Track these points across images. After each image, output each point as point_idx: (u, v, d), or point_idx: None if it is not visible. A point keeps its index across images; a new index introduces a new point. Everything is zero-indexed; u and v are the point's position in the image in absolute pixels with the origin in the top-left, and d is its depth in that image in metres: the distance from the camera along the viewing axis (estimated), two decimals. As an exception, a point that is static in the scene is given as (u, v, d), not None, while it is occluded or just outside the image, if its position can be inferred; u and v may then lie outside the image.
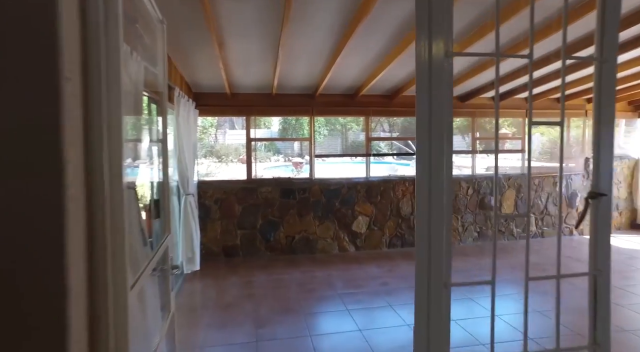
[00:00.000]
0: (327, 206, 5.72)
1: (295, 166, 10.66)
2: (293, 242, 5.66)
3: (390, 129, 25.60)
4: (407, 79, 5.05)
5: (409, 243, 5.99)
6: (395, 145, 16.45)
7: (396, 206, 5.93)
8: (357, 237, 5.84)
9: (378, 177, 6.01)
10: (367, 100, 5.80)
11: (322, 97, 5.67)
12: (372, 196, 5.85)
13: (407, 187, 5.94)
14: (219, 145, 17.35)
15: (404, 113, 6.14)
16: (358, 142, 19.89)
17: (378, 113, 5.95)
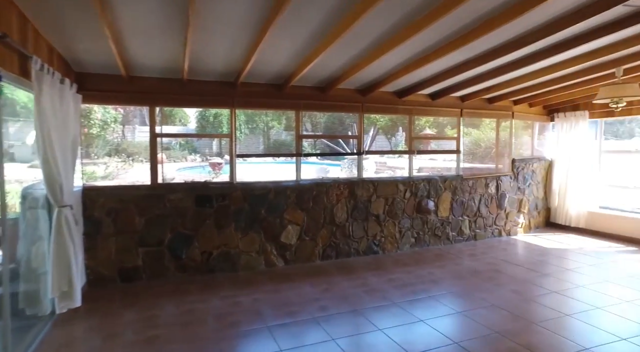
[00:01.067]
0: (252, 214, 4.87)
1: (212, 167, 9.40)
2: (210, 259, 4.71)
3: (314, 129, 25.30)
4: (346, 67, 4.42)
5: (344, 253, 5.39)
6: (320, 144, 16.02)
7: (330, 212, 5.29)
8: (286, 250, 5.08)
9: (310, 180, 5.31)
10: (297, 92, 5.06)
11: (245, 86, 4.80)
12: (304, 201, 5.13)
13: (342, 191, 5.34)
14: (127, 143, 15.33)
15: (341, 108, 5.52)
16: (280, 142, 19.13)
17: (310, 107, 5.25)
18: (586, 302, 3.86)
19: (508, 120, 6.57)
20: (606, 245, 6.05)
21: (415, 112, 5.80)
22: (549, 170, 7.33)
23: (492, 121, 6.38)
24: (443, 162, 6.73)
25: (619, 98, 4.77)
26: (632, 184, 6.80)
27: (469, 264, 5.12)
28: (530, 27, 3.46)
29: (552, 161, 7.31)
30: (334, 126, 17.63)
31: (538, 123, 7.41)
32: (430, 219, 5.95)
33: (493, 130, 6.42)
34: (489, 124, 6.42)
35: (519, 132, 7.24)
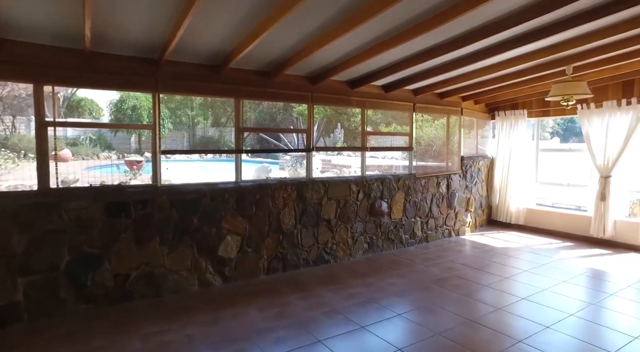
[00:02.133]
0: (181, 224, 3.95)
1: (130, 167, 7.82)
2: (127, 284, 3.70)
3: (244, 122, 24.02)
4: (297, 48, 3.71)
5: (292, 264, 4.69)
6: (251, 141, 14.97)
7: (276, 219, 4.55)
8: (225, 265, 4.23)
9: (252, 182, 4.51)
10: (238, 76, 4.23)
11: (172, 65, 3.85)
12: (245, 207, 4.32)
13: (290, 193, 4.62)
14: (18, 137, 12.89)
15: (288, 97, 4.76)
16: (207, 138, 17.72)
17: (253, 95, 4.43)
18: (561, 310, 3.63)
19: (457, 117, 6.38)
20: (547, 241, 6.13)
21: (369, 104, 5.29)
22: (491, 168, 7.36)
23: (442, 117, 6.13)
24: (390, 160, 6.37)
25: (570, 95, 4.71)
26: (565, 182, 7.08)
27: (429, 271, 4.73)
28: (481, 22, 3.32)
29: (493, 159, 7.34)
30: (265, 122, 16.70)
31: (481, 121, 7.40)
32: (384, 222, 5.49)
33: (444, 127, 6.17)
34: (440, 121, 6.15)
35: (465, 130, 7.15)
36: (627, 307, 3.68)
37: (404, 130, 5.90)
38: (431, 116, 6.04)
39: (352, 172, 7.20)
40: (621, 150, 5.61)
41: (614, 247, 5.72)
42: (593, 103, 5.89)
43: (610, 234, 5.77)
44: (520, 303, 3.77)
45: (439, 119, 6.13)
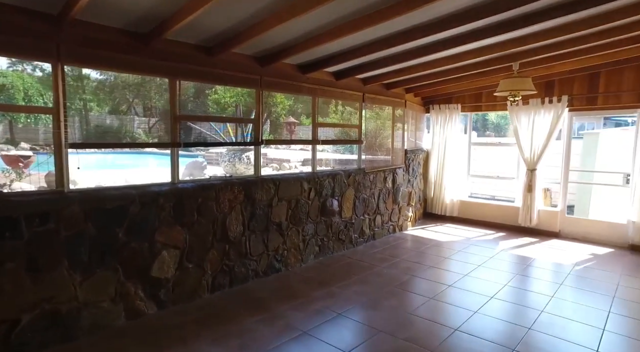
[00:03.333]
0: (101, 241, 3.00)
1: (10, 164, 5.73)
2: (16, 334, 2.66)
3: (147, 112, 21.58)
4: (249, 21, 3.02)
5: (240, 278, 3.99)
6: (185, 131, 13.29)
7: (222, 225, 3.80)
8: (160, 287, 3.38)
9: (192, 183, 3.68)
10: (173, 50, 3.35)
11: (82, 27, 2.85)
12: (185, 213, 3.50)
13: (236, 195, 3.90)
14: None
15: (233, 80, 3.95)
16: (105, 128, 15.41)
17: (191, 75, 3.56)
18: (549, 311, 3.59)
19: (402, 109, 6.21)
20: (483, 233, 6.34)
21: (320, 92, 4.76)
22: (426, 161, 7.42)
23: (388, 109, 5.89)
24: (333, 154, 5.95)
25: (517, 91, 4.78)
26: (495, 174, 7.47)
27: (389, 273, 4.44)
28: (434, 17, 3.25)
29: (428, 152, 7.40)
30: (190, 109, 14.99)
31: (418, 114, 7.39)
32: (335, 222, 5.06)
33: (389, 120, 5.94)
34: (385, 112, 5.90)
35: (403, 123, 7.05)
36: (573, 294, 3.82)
37: (332, 120, 5.49)
38: (378, 107, 5.75)
39: (293, 167, 6.65)
40: (545, 146, 5.99)
41: (539, 235, 6.13)
42: (521, 100, 6.18)
43: (535, 223, 6.17)
44: (493, 303, 3.66)
45: (385, 111, 5.88)
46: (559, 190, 6.17)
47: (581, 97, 5.75)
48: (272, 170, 5.81)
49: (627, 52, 4.80)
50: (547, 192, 7.61)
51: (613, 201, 6.82)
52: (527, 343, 2.95)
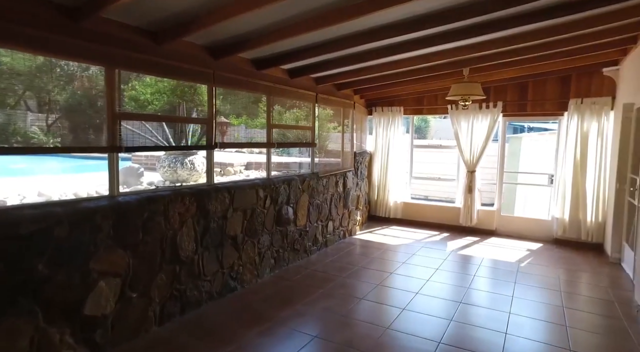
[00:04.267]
0: (12, 277, 2.29)
1: None
2: None
3: (42, 108, 18.95)
4: (210, 5, 2.56)
5: (193, 303, 3.45)
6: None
7: (172, 244, 3.23)
8: (96, 327, 2.72)
9: (136, 195, 3.05)
10: (110, 32, 2.72)
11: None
12: (129, 233, 2.88)
13: (188, 207, 3.35)
14: None
15: (182, 72, 3.34)
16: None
17: (134, 65, 2.91)
18: (516, 313, 3.63)
19: (351, 110, 6.05)
20: (428, 234, 6.47)
21: (275, 91, 4.36)
22: (370, 164, 7.39)
23: (338, 110, 5.69)
24: (279, 157, 5.56)
25: (468, 96, 4.91)
26: (437, 176, 7.72)
27: (352, 284, 4.22)
28: (393, 20, 3.23)
29: (372, 155, 7.38)
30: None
31: (363, 116, 7.32)
32: (290, 231, 4.71)
33: (339, 121, 5.74)
34: (337, 113, 5.69)
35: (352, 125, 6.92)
36: (537, 296, 3.99)
37: (262, 122, 5.17)
38: (329, 108, 5.51)
39: (238, 172, 6.10)
40: (483, 148, 6.31)
41: (478, 233, 6.44)
42: (461, 105, 6.44)
43: (475, 222, 6.48)
44: (463, 309, 3.63)
45: (336, 112, 5.66)
46: (488, 190, 6.56)
47: (513, 104, 6.15)
48: (216, 175, 5.24)
49: (550, 66, 5.22)
50: (479, 193, 8.09)
51: (535, 199, 7.48)
52: (507, 349, 2.93)
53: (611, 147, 5.40)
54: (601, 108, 5.47)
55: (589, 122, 5.54)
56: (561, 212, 5.81)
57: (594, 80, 5.58)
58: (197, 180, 4.49)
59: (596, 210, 5.55)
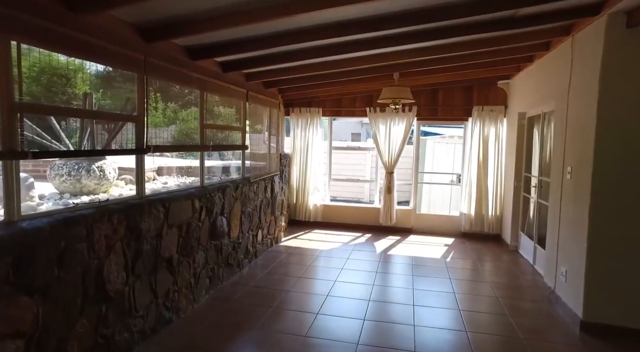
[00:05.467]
0: None
1: None
2: None
3: None
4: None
5: (123, 346, 2.73)
6: None
7: (97, 277, 2.48)
8: (-7, 409, 1.91)
9: (48, 218, 2.24)
10: None
11: None
12: (38, 271, 2.09)
13: (116, 228, 2.63)
14: None
15: (106, 54, 2.55)
16: None
17: (41, 37, 2.08)
18: (467, 309, 3.74)
19: (277, 110, 5.69)
20: (353, 235, 6.50)
21: (209, 86, 3.77)
22: (289, 166, 7.12)
23: (266, 110, 5.26)
24: (194, 161, 4.83)
25: (399, 99, 5.03)
26: (355, 178, 7.78)
27: (300, 298, 3.92)
28: (331, 21, 3.15)
29: (290, 157, 7.12)
30: None
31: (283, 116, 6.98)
32: (224, 245, 4.17)
33: (266, 122, 5.32)
34: (264, 113, 5.28)
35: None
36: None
37: (160, 120, 4.63)
38: (258, 107, 5.07)
39: (151, 179, 5.07)
40: (400, 150, 6.61)
41: (398, 232, 6.72)
42: (379, 107, 6.64)
43: (394, 222, 6.75)
44: (421, 312, 3.65)
45: (263, 112, 5.24)
46: (403, 190, 6.91)
47: (426, 108, 6.56)
48: (126, 183, 4.34)
49: (456, 76, 5.73)
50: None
51: (440, 197, 8.18)
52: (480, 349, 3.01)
53: (505, 149, 6.16)
54: (497, 115, 6.21)
55: (489, 127, 6.24)
56: (468, 209, 6.42)
57: (491, 90, 6.31)
58: (108, 190, 3.64)
59: (495, 205, 6.28)
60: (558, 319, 3.55)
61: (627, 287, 3.20)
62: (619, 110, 3.15)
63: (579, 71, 3.58)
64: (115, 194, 3.80)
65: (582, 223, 3.34)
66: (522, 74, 5.41)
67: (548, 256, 4.20)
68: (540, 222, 4.89)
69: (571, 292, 3.55)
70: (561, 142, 3.88)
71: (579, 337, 3.23)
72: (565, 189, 3.78)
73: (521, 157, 5.60)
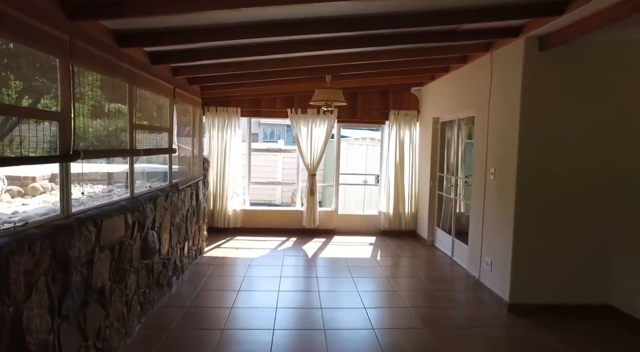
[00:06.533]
0: None
1: None
2: None
3: None
4: None
5: (48, 412, 2.12)
6: None
7: (12, 330, 1.86)
8: None
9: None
10: None
11: None
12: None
13: (39, 258, 2.01)
14: None
15: (28, 35, 1.88)
16: None
17: None
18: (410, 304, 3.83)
19: (199, 110, 5.15)
20: (279, 240, 6.28)
21: (138, 79, 3.18)
22: (209, 170, 6.55)
23: (190, 108, 4.69)
24: (111, 166, 3.96)
25: (332, 101, 5.02)
26: (276, 180, 7.46)
27: (250, 315, 3.60)
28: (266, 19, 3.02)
29: (207, 160, 6.56)
30: None
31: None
32: (155, 263, 3.60)
33: (190, 123, 4.76)
34: (188, 112, 4.74)
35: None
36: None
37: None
38: (184, 106, 4.51)
39: (49, 189, 3.95)
40: (322, 152, 6.64)
41: (322, 234, 6.73)
42: (300, 109, 6.56)
43: (317, 224, 6.75)
44: (373, 314, 3.66)
45: (187, 111, 4.68)
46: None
47: (346, 111, 6.70)
48: (12, 197, 3.41)
49: (374, 81, 6.03)
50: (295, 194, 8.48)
51: (353, 198, 8.46)
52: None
53: (418, 151, 6.67)
54: (411, 119, 6.68)
55: (404, 130, 6.67)
56: (387, 208, 6.77)
57: (405, 96, 6.75)
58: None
59: (411, 203, 6.75)
60: (487, 304, 3.94)
61: (544, 271, 3.71)
62: (536, 122, 3.62)
63: (499, 85, 4.02)
64: (3, 210, 2.96)
65: (508, 218, 3.77)
66: (437, 82, 5.90)
67: (472, 248, 4.65)
68: (458, 218, 5.40)
69: (497, 280, 3.98)
70: (483, 146, 4.33)
71: (507, 317, 3.63)
72: (488, 189, 4.22)
73: (436, 158, 6.11)
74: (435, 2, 2.89)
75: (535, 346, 3.13)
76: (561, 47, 3.46)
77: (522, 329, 3.42)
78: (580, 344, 3.16)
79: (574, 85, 3.61)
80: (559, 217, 3.68)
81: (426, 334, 3.27)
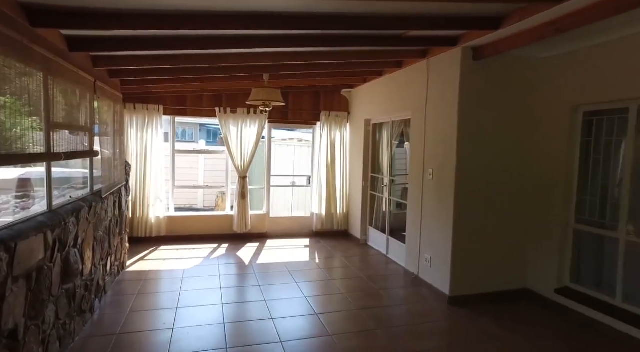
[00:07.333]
0: None
1: None
2: None
3: None
4: None
5: None
6: None
7: None
8: None
9: None
10: None
11: None
12: None
13: None
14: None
15: None
16: None
17: None
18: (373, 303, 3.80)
19: (120, 107, 4.52)
20: (210, 247, 5.87)
21: (54, 68, 2.63)
22: (129, 173, 5.81)
23: (110, 105, 4.06)
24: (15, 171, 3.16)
25: (269, 102, 4.82)
26: (202, 183, 6.87)
27: (195, 338, 3.26)
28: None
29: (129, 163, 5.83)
30: None
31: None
32: (77, 286, 3.04)
33: (110, 122, 4.14)
34: (109, 109, 4.13)
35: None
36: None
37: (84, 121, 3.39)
38: (105, 101, 3.89)
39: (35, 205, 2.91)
40: (253, 153, 6.37)
41: (254, 238, 6.47)
42: (229, 108, 6.22)
43: (249, 228, 6.46)
44: (331, 318, 3.57)
45: (107, 108, 4.06)
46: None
47: (277, 111, 6.52)
48: None
49: (306, 82, 5.99)
50: (223, 197, 8.09)
51: (282, 199, 8.30)
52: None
53: (349, 152, 6.78)
54: (342, 120, 6.76)
55: (335, 131, 6.72)
56: (319, 209, 6.76)
57: (336, 97, 6.81)
58: None
59: (343, 204, 6.84)
60: (428, 298, 4.14)
61: (476, 264, 4.02)
62: (472, 126, 3.90)
63: (436, 90, 4.24)
64: None
65: (447, 216, 4.00)
66: (369, 85, 6.04)
67: (410, 246, 4.84)
68: (391, 216, 5.60)
69: (437, 275, 4.20)
70: (420, 148, 4.53)
71: (448, 309, 3.85)
72: (426, 189, 4.44)
73: (368, 159, 6.27)
74: (376, 7, 2.85)
75: (479, 333, 3.36)
76: (492, 58, 3.77)
77: (464, 319, 3.65)
78: (514, 327, 3.49)
79: (496, 95, 3.97)
80: (486, 215, 4.02)
81: (381, 335, 3.29)
